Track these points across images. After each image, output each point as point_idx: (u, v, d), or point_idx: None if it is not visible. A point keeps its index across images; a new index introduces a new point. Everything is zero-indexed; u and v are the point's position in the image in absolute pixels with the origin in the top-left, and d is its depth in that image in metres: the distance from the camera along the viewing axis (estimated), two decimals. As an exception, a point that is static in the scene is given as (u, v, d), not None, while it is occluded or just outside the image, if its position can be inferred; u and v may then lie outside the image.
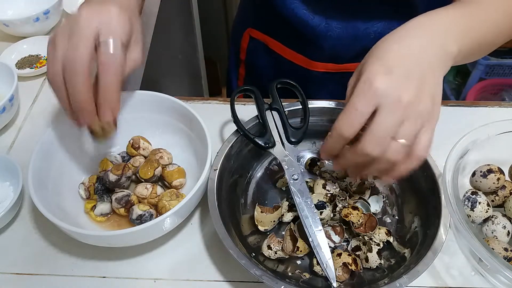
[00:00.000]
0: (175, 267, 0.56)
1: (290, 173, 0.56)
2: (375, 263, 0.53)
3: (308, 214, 0.53)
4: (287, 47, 0.81)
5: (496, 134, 0.57)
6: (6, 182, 0.64)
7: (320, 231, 0.53)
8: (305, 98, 0.60)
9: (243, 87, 0.61)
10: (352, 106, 0.46)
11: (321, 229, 0.53)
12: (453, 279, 0.55)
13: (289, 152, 0.57)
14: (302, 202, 0.54)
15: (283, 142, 0.58)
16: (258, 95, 0.60)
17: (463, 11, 0.53)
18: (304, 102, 0.60)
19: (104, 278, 0.56)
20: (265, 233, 0.57)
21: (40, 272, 0.56)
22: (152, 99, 0.64)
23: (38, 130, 0.71)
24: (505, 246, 0.53)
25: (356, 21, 0.72)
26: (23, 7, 0.92)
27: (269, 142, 0.57)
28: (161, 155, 0.63)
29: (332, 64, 0.79)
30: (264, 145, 0.57)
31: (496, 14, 0.56)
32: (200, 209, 0.61)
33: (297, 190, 0.55)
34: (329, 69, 0.79)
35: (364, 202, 0.59)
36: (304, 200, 0.54)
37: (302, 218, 0.53)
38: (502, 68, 1.73)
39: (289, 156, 0.57)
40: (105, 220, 0.60)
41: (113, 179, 0.59)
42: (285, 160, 0.57)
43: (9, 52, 0.83)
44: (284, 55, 0.82)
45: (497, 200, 0.58)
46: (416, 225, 0.56)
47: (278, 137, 0.58)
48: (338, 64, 0.78)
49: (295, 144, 0.58)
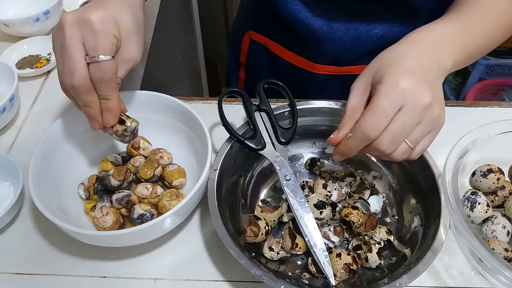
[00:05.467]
0: (175, 267, 0.57)
1: (283, 174, 0.56)
2: (375, 263, 0.53)
3: (303, 213, 0.54)
4: (288, 50, 0.81)
5: (496, 134, 0.57)
6: (6, 182, 0.64)
7: (316, 230, 0.53)
8: (292, 98, 0.60)
9: (230, 89, 0.61)
10: (379, 107, 0.47)
11: (317, 228, 0.53)
12: (453, 279, 0.55)
13: (280, 153, 0.57)
14: (296, 202, 0.54)
15: (274, 143, 0.58)
16: (246, 97, 0.60)
17: (459, 25, 0.55)
18: (291, 102, 0.60)
19: (104, 278, 0.56)
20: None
21: (40, 272, 0.56)
22: (152, 99, 0.65)
23: (38, 130, 0.71)
24: (505, 246, 0.53)
25: (358, 24, 0.72)
26: (23, 7, 0.92)
27: (259, 144, 0.57)
28: (161, 155, 0.63)
29: (333, 67, 0.79)
30: (255, 147, 0.57)
31: (489, 24, 0.58)
32: (200, 209, 0.61)
33: (291, 191, 0.55)
34: (331, 72, 0.79)
35: (364, 202, 0.59)
36: (298, 200, 0.54)
37: (297, 218, 0.53)
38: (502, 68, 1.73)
39: (281, 157, 0.57)
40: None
41: (115, 184, 0.60)
42: (276, 161, 0.57)
43: (9, 52, 0.83)
44: (285, 58, 0.82)
45: (497, 201, 0.58)
46: (416, 225, 0.56)
47: (269, 138, 0.58)
48: (340, 67, 0.78)
49: (285, 144, 0.58)
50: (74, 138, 0.63)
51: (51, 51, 0.84)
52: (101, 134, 0.64)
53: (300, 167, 0.66)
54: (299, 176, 0.65)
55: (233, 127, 0.58)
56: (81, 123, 0.63)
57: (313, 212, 0.55)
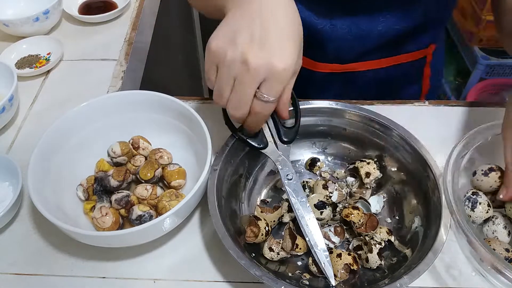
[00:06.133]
0: (175, 267, 0.56)
1: (285, 173, 0.56)
2: (375, 264, 0.53)
3: (304, 213, 0.53)
4: None
5: (496, 134, 0.57)
6: (6, 182, 0.64)
7: (317, 230, 0.53)
8: (295, 97, 0.60)
9: None
10: None
11: (318, 228, 0.53)
12: (453, 280, 0.54)
13: (282, 152, 0.57)
14: (297, 202, 0.54)
15: (276, 142, 0.58)
16: None
17: None
18: (295, 101, 0.60)
19: (103, 278, 0.56)
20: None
21: (40, 272, 0.56)
22: (152, 99, 0.64)
23: (37, 130, 0.71)
24: (506, 246, 0.53)
25: (360, 21, 0.72)
26: (23, 7, 0.92)
27: (261, 143, 0.57)
28: (161, 154, 0.63)
29: (336, 65, 0.79)
30: (257, 146, 0.57)
31: None
32: (200, 209, 0.61)
33: (292, 190, 0.55)
34: (333, 70, 0.79)
35: (365, 202, 0.59)
36: (300, 199, 0.54)
37: (298, 218, 0.53)
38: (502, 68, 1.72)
39: (283, 156, 0.57)
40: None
41: (114, 185, 0.59)
42: (278, 160, 0.57)
43: (9, 52, 0.83)
44: None
45: (497, 201, 0.58)
46: (416, 225, 0.56)
47: (271, 137, 0.58)
48: (342, 65, 0.78)
49: (288, 143, 0.58)
50: (73, 138, 0.63)
51: (51, 51, 0.84)
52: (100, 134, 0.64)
53: (300, 167, 0.66)
54: (299, 176, 0.65)
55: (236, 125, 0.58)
56: (81, 123, 0.63)
57: (313, 212, 0.55)
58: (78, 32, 0.90)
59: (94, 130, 0.64)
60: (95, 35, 0.89)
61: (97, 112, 0.64)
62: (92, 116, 0.63)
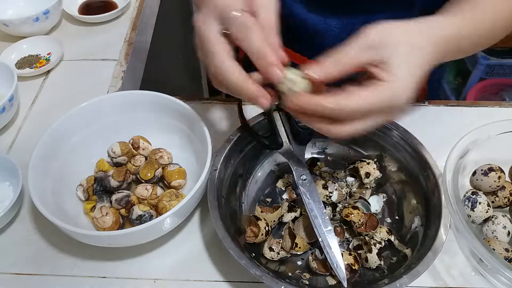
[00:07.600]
0: (175, 267, 0.56)
1: (299, 174, 0.56)
2: (375, 264, 0.53)
3: (318, 214, 0.53)
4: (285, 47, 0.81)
5: (496, 134, 0.57)
6: (6, 182, 0.64)
7: (330, 231, 0.52)
8: None
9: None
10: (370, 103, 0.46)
11: (331, 229, 0.52)
12: (453, 279, 0.55)
13: (297, 153, 0.57)
14: (311, 202, 0.54)
15: (291, 142, 0.58)
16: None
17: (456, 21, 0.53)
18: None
19: (104, 278, 0.56)
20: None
21: (40, 272, 0.56)
22: (152, 99, 0.64)
23: (38, 130, 0.71)
24: (506, 246, 0.53)
25: (354, 19, 0.72)
26: (23, 7, 0.92)
27: (276, 143, 0.57)
28: (161, 154, 0.63)
29: None
30: (272, 146, 0.57)
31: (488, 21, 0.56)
32: (200, 209, 0.61)
33: (306, 191, 0.54)
34: None
35: (364, 202, 0.59)
36: (313, 200, 0.54)
37: (312, 219, 0.53)
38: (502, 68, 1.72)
39: (297, 157, 0.57)
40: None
41: (114, 185, 0.59)
42: (293, 161, 0.57)
43: (9, 52, 0.83)
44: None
45: (497, 201, 0.58)
46: (416, 225, 0.56)
47: (286, 138, 0.58)
48: None
49: (303, 144, 0.58)
50: (73, 138, 0.63)
51: (51, 51, 0.84)
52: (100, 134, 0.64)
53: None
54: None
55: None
56: (81, 123, 0.63)
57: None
58: (78, 32, 0.90)
59: (94, 130, 0.64)
60: (95, 35, 0.89)
61: (97, 112, 0.64)
62: (92, 116, 0.64)
